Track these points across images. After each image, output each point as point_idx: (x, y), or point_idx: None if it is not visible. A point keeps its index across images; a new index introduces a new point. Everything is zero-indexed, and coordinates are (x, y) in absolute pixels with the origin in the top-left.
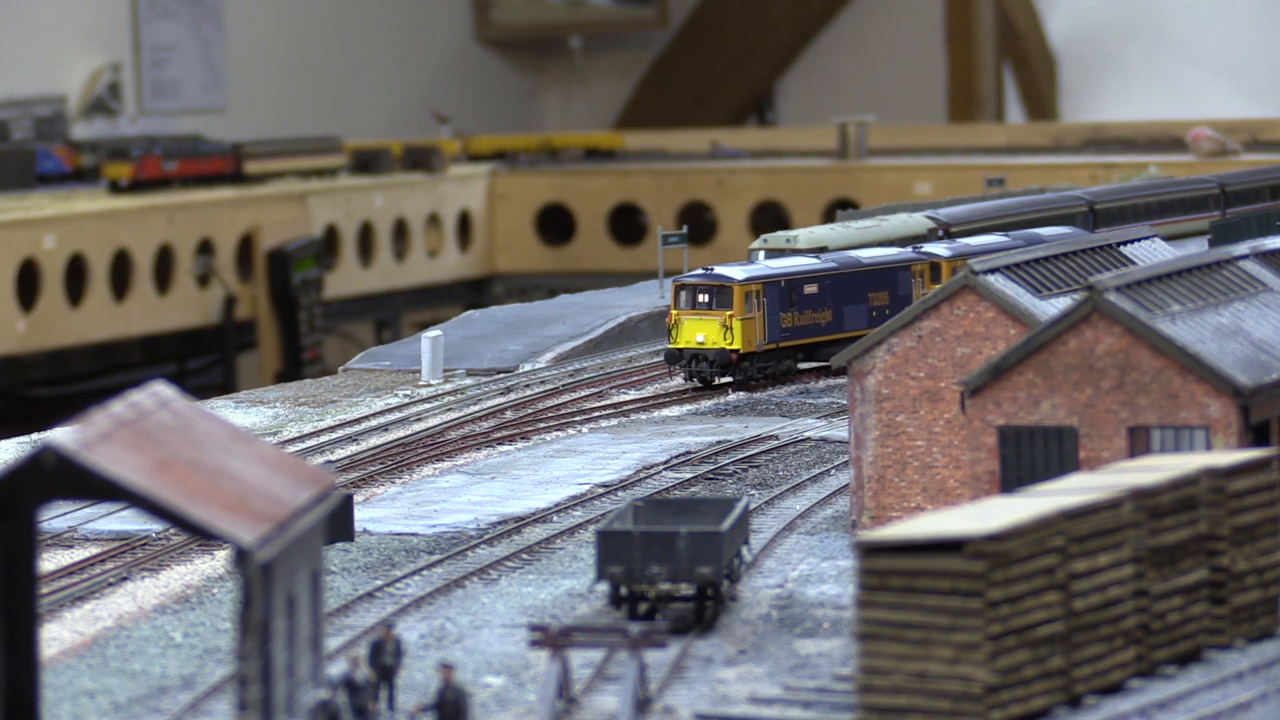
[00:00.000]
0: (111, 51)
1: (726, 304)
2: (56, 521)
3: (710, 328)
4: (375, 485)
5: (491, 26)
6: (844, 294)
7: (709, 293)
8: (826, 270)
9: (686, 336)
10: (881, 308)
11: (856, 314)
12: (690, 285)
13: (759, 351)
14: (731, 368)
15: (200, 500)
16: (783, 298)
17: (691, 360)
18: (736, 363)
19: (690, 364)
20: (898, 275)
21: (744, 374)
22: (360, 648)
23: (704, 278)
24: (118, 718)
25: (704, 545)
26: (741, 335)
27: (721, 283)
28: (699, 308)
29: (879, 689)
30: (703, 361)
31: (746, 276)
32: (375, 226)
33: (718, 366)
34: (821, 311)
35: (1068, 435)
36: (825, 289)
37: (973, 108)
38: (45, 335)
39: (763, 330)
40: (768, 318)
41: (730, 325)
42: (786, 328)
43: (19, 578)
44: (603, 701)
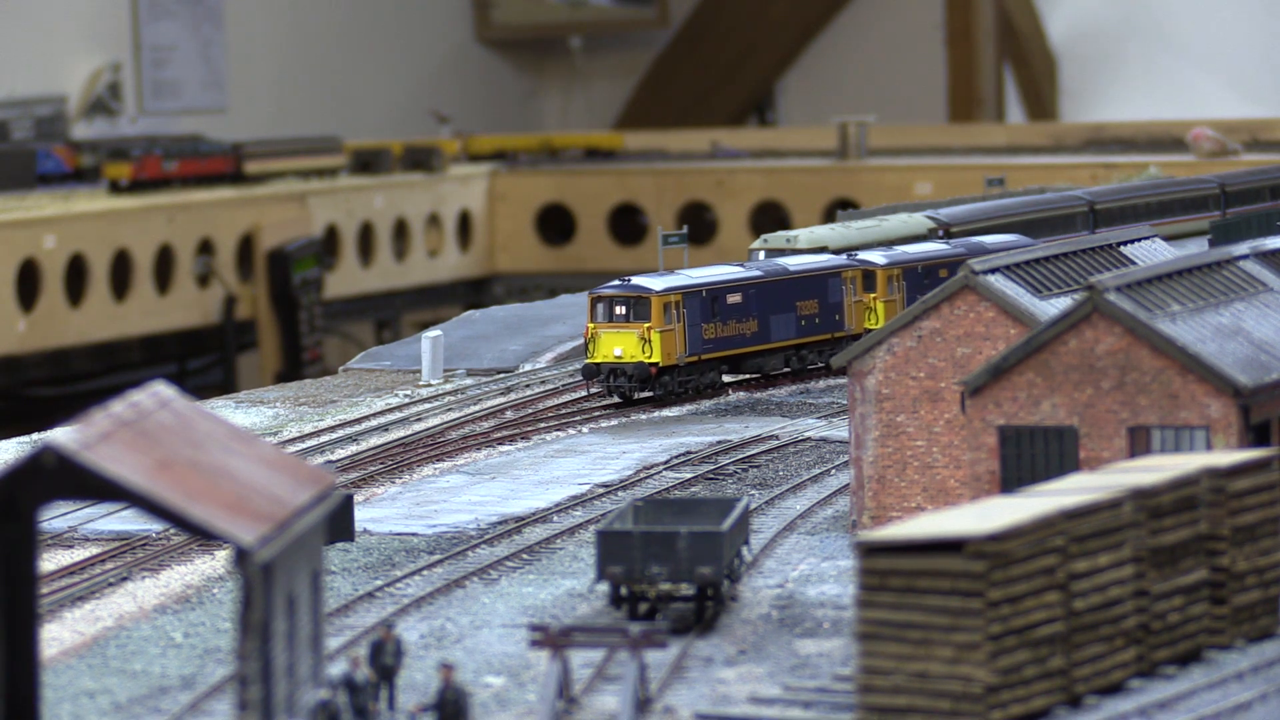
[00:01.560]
0: (112, 51)
1: (644, 316)
2: (57, 521)
3: (628, 341)
4: (375, 485)
5: (492, 26)
6: (770, 303)
7: (626, 304)
8: (751, 279)
9: (604, 350)
10: (811, 316)
11: (784, 323)
12: (607, 297)
13: (680, 365)
14: (651, 382)
15: (200, 500)
16: (704, 308)
17: (609, 375)
18: (656, 377)
19: (608, 379)
20: (827, 283)
21: (664, 388)
22: (360, 648)
23: (621, 289)
24: (118, 718)
25: (704, 545)
26: (661, 348)
27: (639, 294)
28: (616, 320)
29: (879, 689)
30: (621, 376)
31: (665, 287)
32: (375, 226)
33: (636, 381)
34: (746, 322)
35: (1068, 435)
36: (750, 298)
37: (973, 108)
38: (45, 335)
39: (683, 342)
40: (688, 329)
41: (649, 338)
42: (709, 339)
43: (19, 578)
44: (603, 701)
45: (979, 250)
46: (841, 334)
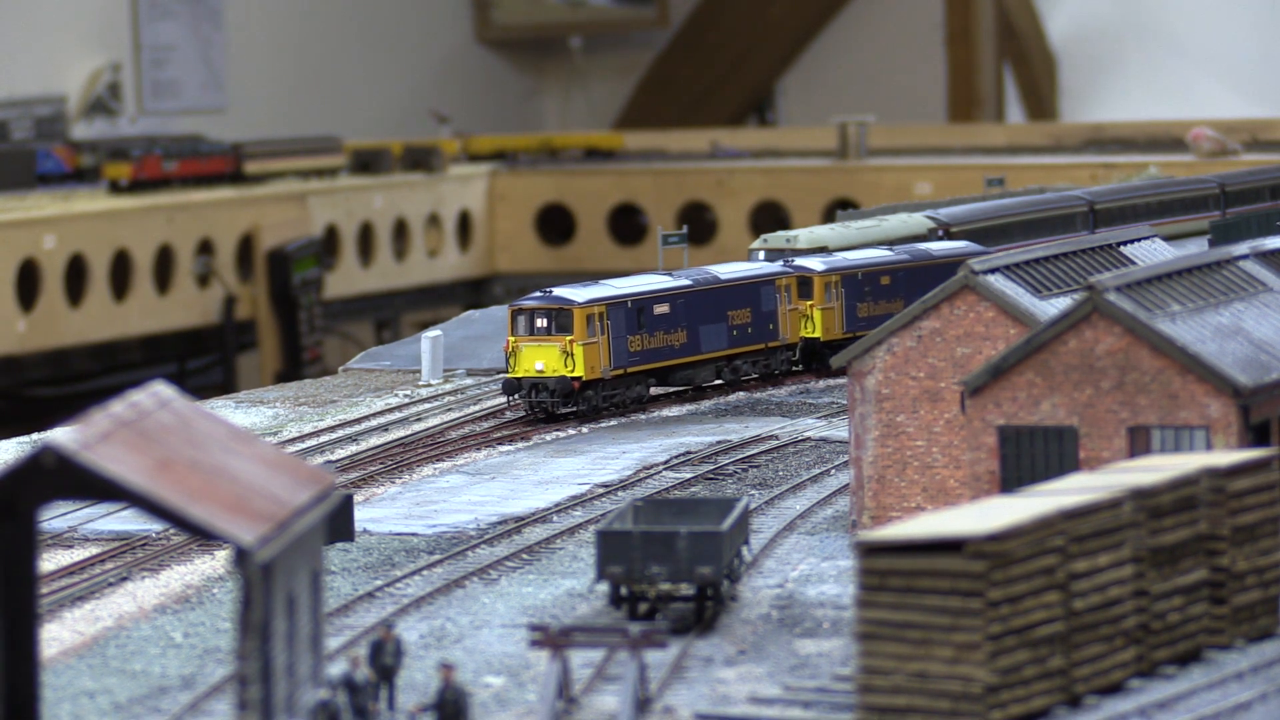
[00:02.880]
0: (111, 51)
1: (566, 328)
2: (56, 521)
3: (550, 354)
4: (375, 485)
5: (491, 26)
6: (700, 313)
7: (548, 317)
8: (679, 288)
9: (525, 364)
10: (743, 326)
11: (714, 334)
12: (528, 309)
13: (605, 378)
14: (574, 397)
15: (200, 500)
16: (630, 319)
17: (531, 390)
18: (579, 391)
19: (530, 394)
20: (760, 290)
21: (589, 403)
22: (360, 648)
23: (542, 300)
24: (118, 718)
25: (704, 545)
26: (584, 361)
27: (560, 305)
28: (538, 333)
29: (879, 689)
30: (542, 391)
31: (588, 298)
32: (375, 226)
33: (559, 396)
34: (674, 333)
35: (1068, 435)
36: (678, 308)
37: (973, 108)
38: (45, 335)
39: (608, 355)
40: (613, 341)
41: (571, 351)
42: (635, 351)
43: (19, 578)
44: (603, 701)
45: (923, 257)
46: (775, 344)
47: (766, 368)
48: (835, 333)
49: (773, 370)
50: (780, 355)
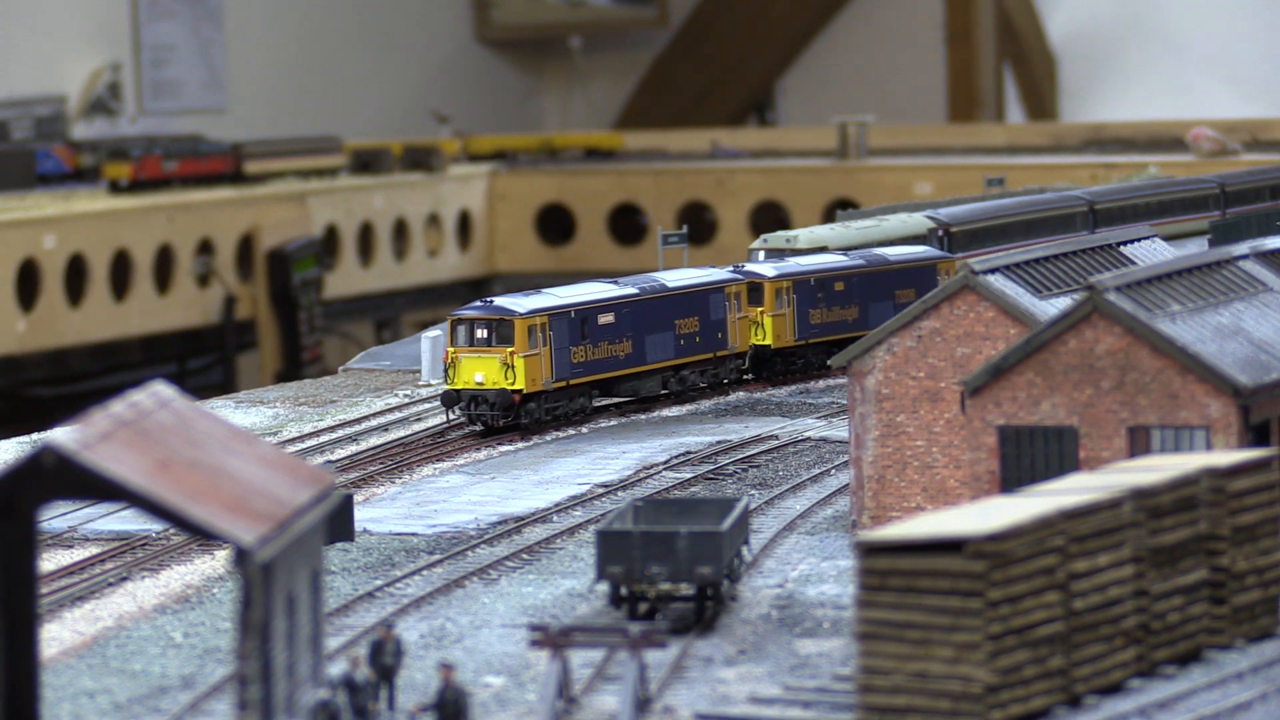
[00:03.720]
0: (111, 51)
1: (507, 340)
2: (56, 521)
3: (490, 366)
4: (375, 485)
5: (491, 26)
6: (646, 322)
7: (488, 327)
8: (624, 298)
9: (464, 376)
10: (691, 335)
11: (661, 344)
12: (468, 319)
13: (547, 391)
14: (514, 410)
15: (200, 500)
16: (573, 330)
17: (470, 403)
18: (520, 404)
19: (469, 407)
20: (708, 299)
21: (530, 416)
22: (360, 648)
23: (482, 310)
24: (118, 718)
25: (704, 545)
26: (525, 374)
27: (501, 316)
28: (477, 344)
29: (879, 689)
30: (482, 404)
31: (530, 309)
32: (375, 226)
33: (499, 409)
34: (619, 343)
35: (1068, 435)
36: (623, 318)
37: (973, 108)
38: (45, 335)
39: (550, 367)
40: (555, 353)
41: (511, 363)
42: (578, 363)
43: (19, 577)
44: (603, 701)
45: (878, 262)
46: (724, 353)
47: (715, 377)
48: (787, 340)
49: (721, 380)
50: (729, 364)
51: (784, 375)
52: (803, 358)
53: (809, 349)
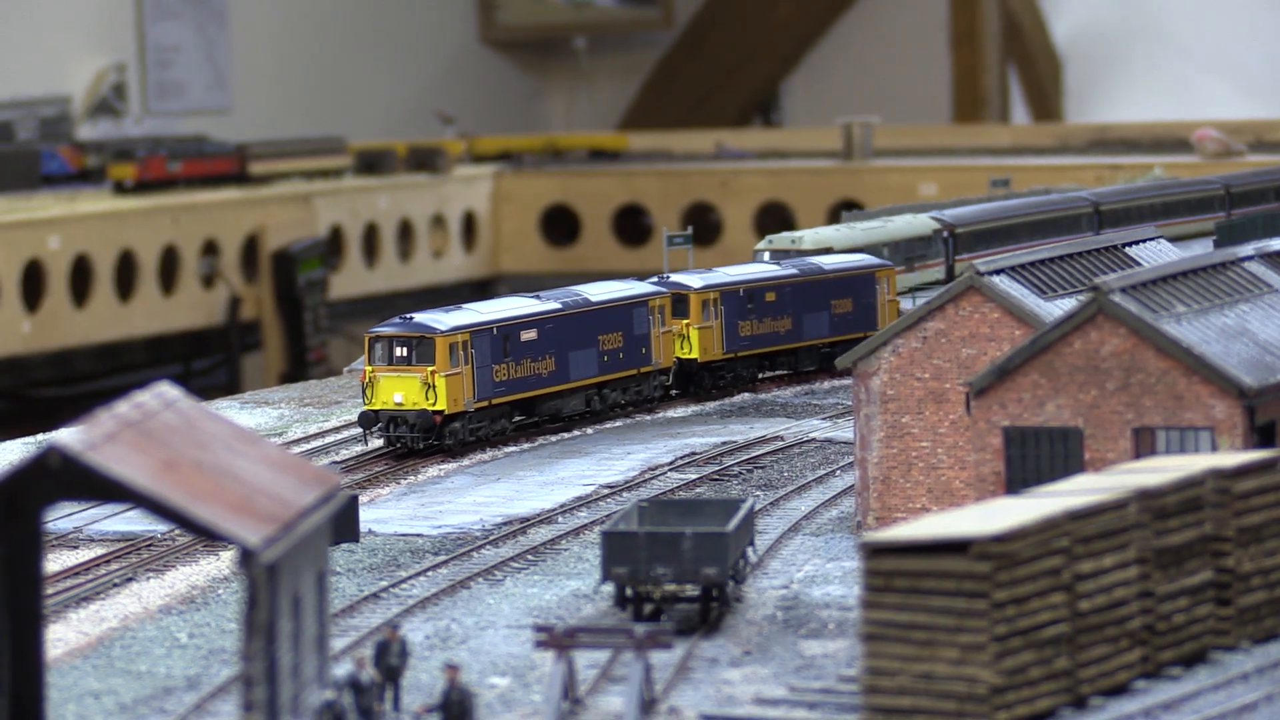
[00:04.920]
0: (116, 52)
1: (428, 358)
2: (62, 522)
3: (410, 386)
4: (380, 486)
5: (496, 27)
6: (569, 338)
7: (408, 345)
8: (547, 313)
9: (383, 396)
10: (614, 351)
11: (584, 360)
12: (386, 337)
13: (468, 411)
14: (435, 431)
15: (205, 501)
16: (495, 348)
17: (389, 424)
18: (441, 426)
19: (388, 428)
20: (632, 313)
21: (454, 437)
22: (365, 649)
23: (401, 328)
24: (123, 718)
25: (709, 546)
26: (446, 394)
27: (422, 334)
28: (397, 363)
29: (884, 690)
30: (401, 425)
31: (451, 326)
32: (380, 227)
33: (419, 431)
34: (542, 360)
35: (1073, 436)
36: (546, 334)
37: (978, 108)
38: (50, 336)
39: (471, 386)
40: (477, 371)
41: (432, 383)
42: (500, 382)
43: (24, 578)
44: (608, 702)
45: (813, 271)
46: (648, 368)
47: (638, 394)
48: (715, 353)
49: (645, 396)
50: (654, 380)
51: (712, 390)
52: (732, 371)
53: (738, 362)
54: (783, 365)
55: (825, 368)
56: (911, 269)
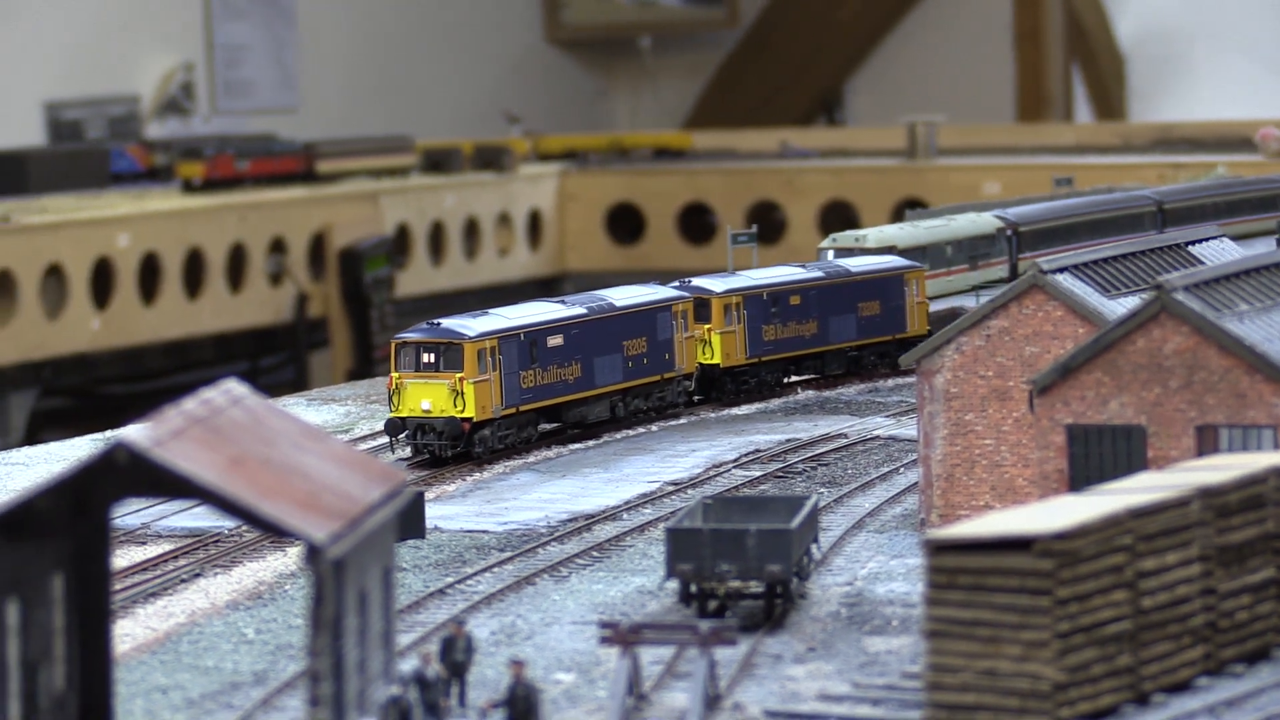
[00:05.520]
0: (185, 51)
1: (456, 365)
2: (130, 518)
3: (438, 393)
4: (446, 483)
5: (562, 27)
6: (594, 344)
7: (435, 351)
8: (573, 318)
9: (410, 403)
10: (638, 356)
11: (609, 366)
12: (413, 343)
13: (496, 418)
14: (463, 439)
15: (272, 497)
16: (522, 353)
17: (417, 431)
18: (470, 433)
19: (415, 436)
20: (655, 317)
21: (483, 445)
22: (432, 644)
23: (429, 334)
24: (190, 713)
25: (773, 543)
26: (475, 401)
27: (450, 340)
28: (424, 369)
29: (948, 686)
30: (429, 433)
31: (479, 332)
32: (446, 226)
33: (448, 439)
34: (568, 367)
35: (1136, 434)
36: (572, 340)
37: (1041, 107)
38: (119, 333)
39: (499, 394)
40: (505, 379)
41: (461, 390)
42: (528, 388)
43: (93, 574)
44: (672, 698)
45: (839, 274)
46: (671, 374)
47: (661, 400)
48: (737, 358)
49: (668, 403)
50: (677, 386)
51: (735, 395)
52: (755, 376)
53: (762, 367)
54: (808, 369)
55: (852, 371)
56: (975, 267)
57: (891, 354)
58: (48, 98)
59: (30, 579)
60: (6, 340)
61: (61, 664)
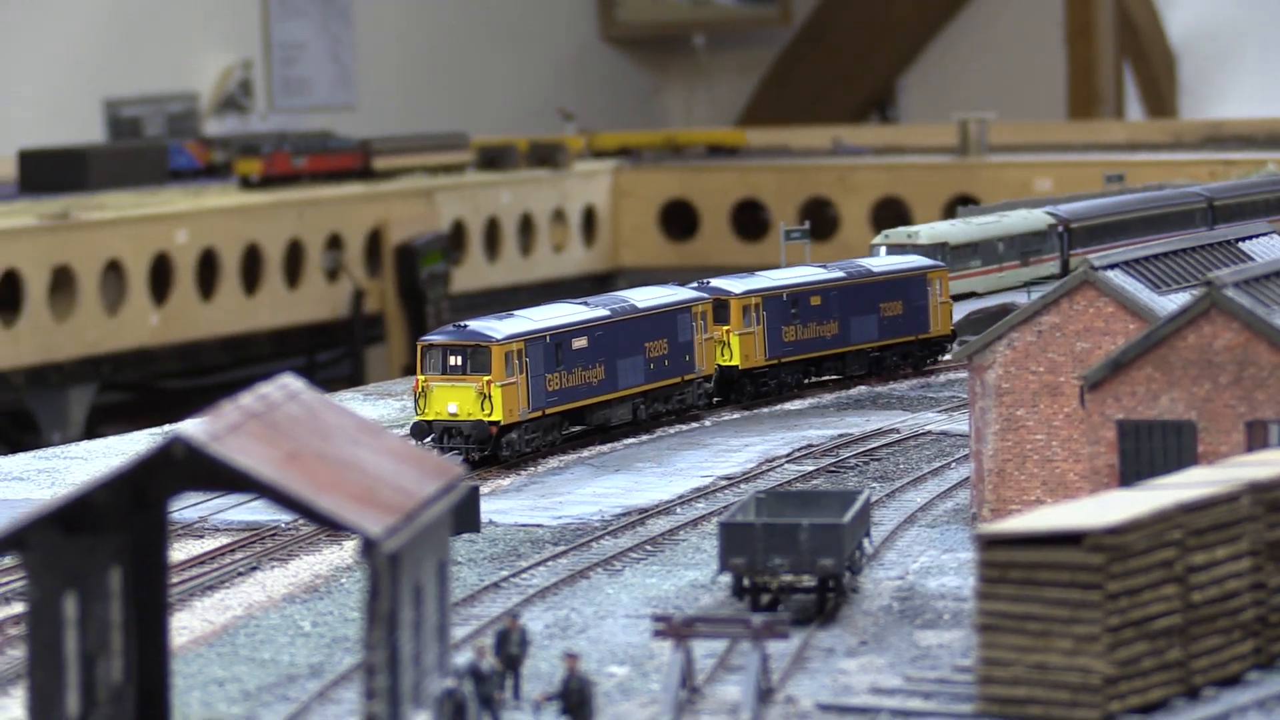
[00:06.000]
0: (243, 49)
1: (484, 368)
2: (187, 511)
3: (465, 396)
4: (500, 477)
5: (616, 25)
6: (617, 346)
7: (462, 354)
8: (597, 320)
9: (436, 407)
10: (660, 358)
11: (631, 369)
12: (439, 345)
13: (523, 421)
14: (490, 442)
15: (328, 491)
16: (548, 356)
17: (443, 435)
18: (498, 436)
19: (442, 439)
20: (676, 319)
21: (511, 448)
22: (486, 637)
23: (455, 336)
24: (247, 706)
25: (826, 537)
26: (503, 404)
27: (477, 343)
28: (450, 372)
29: (999, 680)
30: (456, 437)
31: (507, 334)
32: (501, 222)
33: (475, 443)
34: (592, 369)
35: (1186, 430)
36: (596, 342)
37: (1093, 105)
38: (177, 328)
39: (526, 397)
40: (531, 381)
41: (488, 393)
42: (554, 391)
43: (151, 567)
44: (725, 691)
45: (860, 274)
46: (692, 376)
47: (681, 402)
48: (756, 360)
49: (688, 405)
50: (697, 388)
51: (755, 398)
52: (775, 378)
53: (782, 368)
54: (829, 370)
55: (874, 372)
56: (1026, 263)
57: (914, 354)
58: (107, 95)
59: (88, 572)
60: (67, 335)
61: (119, 656)
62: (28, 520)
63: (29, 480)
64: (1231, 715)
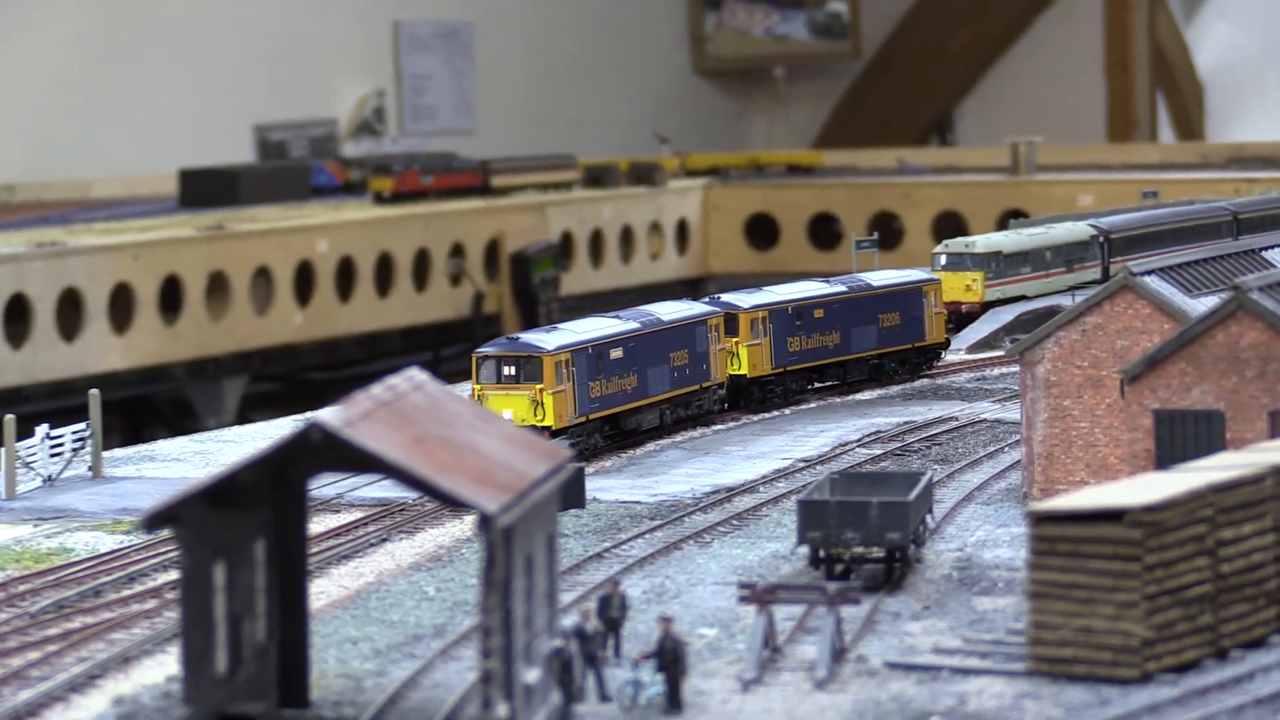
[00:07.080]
0: (377, 80)
1: (536, 377)
2: (327, 489)
3: (519, 404)
4: (603, 460)
5: (706, 58)
6: (647, 355)
7: (515, 365)
8: (630, 332)
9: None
10: (682, 367)
11: (659, 376)
12: (494, 357)
13: (570, 426)
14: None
15: (449, 472)
16: (590, 365)
17: None
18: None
19: None
20: (695, 331)
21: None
22: (590, 602)
23: (509, 348)
24: (377, 662)
25: (893, 513)
26: (554, 411)
27: (530, 353)
28: (505, 381)
29: (1048, 642)
30: None
31: (556, 345)
32: (605, 233)
33: None
34: (627, 377)
35: (1215, 418)
36: (629, 352)
37: (1129, 129)
38: (319, 326)
39: (573, 403)
40: (577, 389)
41: (541, 400)
42: (595, 398)
43: (291, 539)
44: (803, 651)
45: (861, 288)
46: (707, 384)
47: (699, 408)
48: (763, 369)
49: (704, 410)
50: (712, 395)
51: (762, 403)
52: (780, 385)
53: (787, 376)
54: (831, 377)
55: (873, 378)
56: (1071, 270)
57: (911, 361)
58: (257, 121)
59: (236, 543)
60: (221, 333)
61: (263, 618)
62: (180, 497)
63: (185, 461)
64: (1257, 674)
